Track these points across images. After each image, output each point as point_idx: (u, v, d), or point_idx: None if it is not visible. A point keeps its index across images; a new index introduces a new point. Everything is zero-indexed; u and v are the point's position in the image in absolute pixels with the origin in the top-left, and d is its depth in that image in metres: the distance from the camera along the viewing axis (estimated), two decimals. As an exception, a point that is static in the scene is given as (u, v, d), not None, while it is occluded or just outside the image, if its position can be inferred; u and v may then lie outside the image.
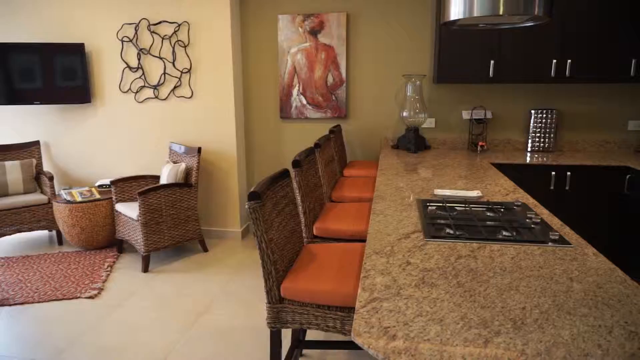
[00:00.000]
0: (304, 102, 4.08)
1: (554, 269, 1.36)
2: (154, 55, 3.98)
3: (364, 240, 2.22)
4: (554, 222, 1.80)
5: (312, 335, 2.60)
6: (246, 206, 1.57)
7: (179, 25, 3.88)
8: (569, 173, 3.21)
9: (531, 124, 3.65)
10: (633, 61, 3.27)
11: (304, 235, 2.28)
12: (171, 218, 3.58)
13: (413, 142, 3.63)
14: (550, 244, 1.54)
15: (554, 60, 3.35)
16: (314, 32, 3.94)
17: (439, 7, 3.57)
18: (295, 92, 4.08)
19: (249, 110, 4.22)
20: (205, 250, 3.87)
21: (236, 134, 4.00)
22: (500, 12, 1.74)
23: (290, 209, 1.96)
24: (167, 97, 4.04)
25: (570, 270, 1.35)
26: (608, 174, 3.19)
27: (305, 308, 1.65)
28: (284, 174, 1.96)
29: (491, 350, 0.96)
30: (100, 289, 3.15)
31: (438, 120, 3.93)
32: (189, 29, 3.88)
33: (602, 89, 3.67)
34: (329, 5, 3.91)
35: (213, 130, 4.02)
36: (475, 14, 1.78)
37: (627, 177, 3.15)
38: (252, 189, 1.61)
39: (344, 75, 3.97)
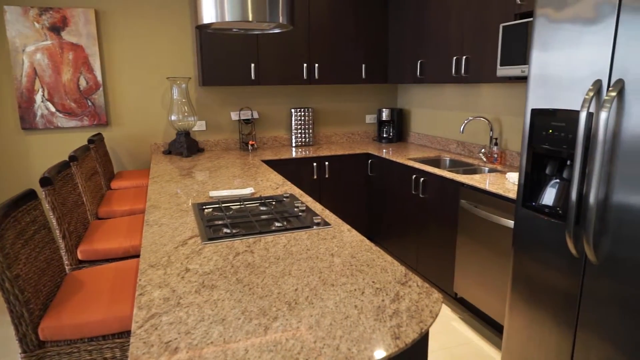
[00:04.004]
0: (52, 109, 3.52)
1: (318, 249, 1.54)
2: None
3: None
4: (317, 207, 2.03)
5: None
6: (-25, 241, 1.26)
7: None
8: (327, 163, 3.68)
9: (293, 122, 4.03)
10: (363, 66, 3.94)
11: (65, 262, 1.98)
12: None
13: (185, 146, 3.55)
14: (314, 227, 1.73)
15: (305, 64, 3.76)
16: (55, 29, 3.43)
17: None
18: (39, 98, 3.48)
19: (-27, 121, 3.40)
20: None
21: (-43, 152, 3.17)
22: (250, 19, 1.85)
23: (43, 236, 1.67)
24: None
25: (331, 248, 1.55)
26: (356, 160, 3.78)
27: (74, 346, 1.44)
28: (29, 195, 1.65)
29: (271, 336, 1.02)
30: None
31: (208, 123, 3.95)
32: None
33: (345, 89, 4.31)
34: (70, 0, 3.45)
35: None
36: (227, 19, 1.84)
37: (369, 161, 3.80)
38: (-18, 219, 1.30)
39: (99, 78, 3.59)
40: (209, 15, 1.85)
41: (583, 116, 1.60)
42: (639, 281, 1.50)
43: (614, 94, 1.51)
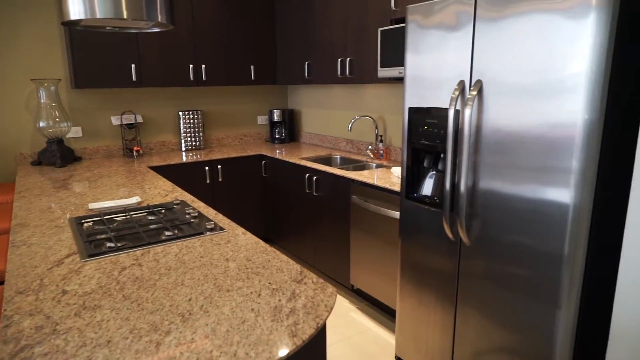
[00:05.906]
0: None
1: (212, 255, 1.50)
2: None
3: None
4: (210, 212, 1.97)
5: None
6: None
7: None
8: (219, 166, 3.59)
9: (181, 125, 3.86)
10: (252, 67, 3.92)
11: None
12: None
13: (58, 155, 3.21)
14: (207, 233, 1.68)
15: (191, 66, 3.62)
16: None
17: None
18: None
19: None
20: None
21: None
22: (124, 16, 1.73)
23: None
24: None
25: (225, 252, 1.51)
26: (250, 162, 3.75)
27: None
28: None
29: (164, 352, 0.97)
30: None
31: (85, 129, 3.61)
32: None
33: (234, 90, 4.24)
34: None
35: None
36: (98, 16, 1.70)
37: (263, 162, 3.79)
38: None
39: (-58, 80, 3.07)
40: (76, 10, 1.69)
41: (451, 113, 1.77)
42: (504, 258, 1.71)
43: (474, 92, 1.69)
